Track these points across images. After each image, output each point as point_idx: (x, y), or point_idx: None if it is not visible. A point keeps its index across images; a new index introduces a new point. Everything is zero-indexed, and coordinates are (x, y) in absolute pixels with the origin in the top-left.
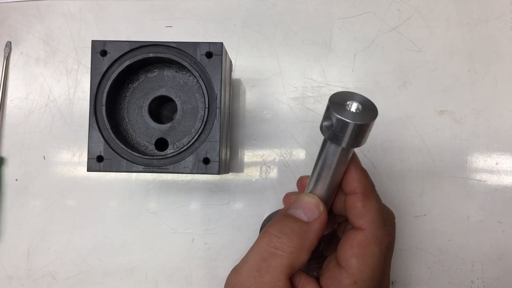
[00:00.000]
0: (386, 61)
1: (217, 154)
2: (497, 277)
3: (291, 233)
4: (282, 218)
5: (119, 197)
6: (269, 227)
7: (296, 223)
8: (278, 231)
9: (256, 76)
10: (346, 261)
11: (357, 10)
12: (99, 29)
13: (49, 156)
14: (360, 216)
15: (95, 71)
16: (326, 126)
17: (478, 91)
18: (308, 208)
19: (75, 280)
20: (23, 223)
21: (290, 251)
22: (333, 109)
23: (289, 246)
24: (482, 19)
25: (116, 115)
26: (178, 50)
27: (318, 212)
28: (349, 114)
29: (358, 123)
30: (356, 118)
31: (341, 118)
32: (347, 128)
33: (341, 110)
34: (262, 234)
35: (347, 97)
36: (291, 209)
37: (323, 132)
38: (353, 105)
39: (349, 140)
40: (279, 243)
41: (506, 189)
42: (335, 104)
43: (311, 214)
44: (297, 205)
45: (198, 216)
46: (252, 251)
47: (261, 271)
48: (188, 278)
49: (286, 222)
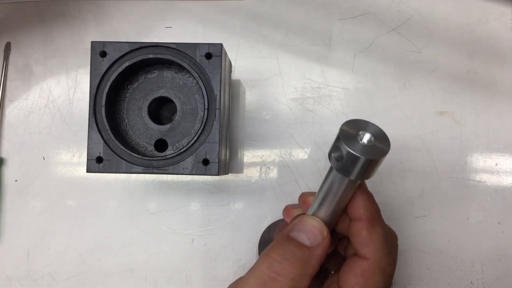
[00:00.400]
0: (386, 61)
1: (216, 155)
2: (496, 278)
3: (293, 258)
4: (284, 241)
5: (119, 197)
6: (271, 250)
7: (299, 248)
8: (280, 255)
9: (255, 76)
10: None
11: (357, 11)
12: (99, 30)
13: (48, 156)
14: (365, 244)
15: (95, 72)
16: (336, 157)
17: (478, 91)
18: (312, 232)
19: (74, 280)
20: (23, 224)
21: (292, 277)
22: (343, 141)
23: (291, 272)
24: (482, 20)
25: (115, 116)
26: (178, 51)
27: (322, 237)
28: (360, 147)
29: (369, 159)
30: (367, 152)
31: (351, 152)
32: (357, 162)
33: (352, 142)
34: (263, 257)
35: (359, 127)
36: (294, 231)
37: (332, 162)
38: (365, 137)
39: (359, 173)
40: (280, 268)
41: (506, 190)
42: (346, 135)
43: (314, 238)
44: (300, 228)
45: (197, 217)
46: (252, 273)
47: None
48: (187, 278)
49: (288, 246)
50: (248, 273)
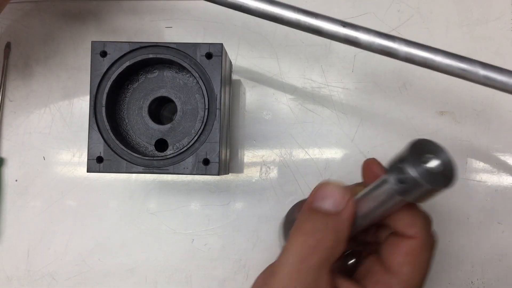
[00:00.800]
0: (386, 61)
1: (217, 155)
2: (497, 278)
3: (324, 228)
4: (310, 214)
5: (119, 197)
6: (301, 226)
7: (327, 217)
8: (311, 229)
9: (255, 76)
10: (398, 267)
11: (357, 10)
12: (99, 30)
13: (49, 156)
14: (410, 225)
15: (95, 72)
16: (398, 179)
17: (478, 91)
18: (334, 198)
19: (74, 280)
20: (23, 224)
21: (328, 246)
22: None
23: (326, 242)
24: (482, 20)
25: (116, 116)
26: (178, 51)
27: (345, 200)
28: (427, 173)
29: (434, 188)
30: (433, 180)
31: (418, 179)
32: (420, 189)
33: (420, 167)
34: (295, 234)
35: (429, 149)
36: (316, 202)
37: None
38: (433, 162)
39: (416, 198)
40: (316, 241)
41: (506, 190)
42: (414, 158)
43: (338, 203)
44: (321, 197)
45: (198, 217)
46: (287, 253)
47: (302, 272)
48: (188, 278)
49: (315, 217)
50: (282, 254)
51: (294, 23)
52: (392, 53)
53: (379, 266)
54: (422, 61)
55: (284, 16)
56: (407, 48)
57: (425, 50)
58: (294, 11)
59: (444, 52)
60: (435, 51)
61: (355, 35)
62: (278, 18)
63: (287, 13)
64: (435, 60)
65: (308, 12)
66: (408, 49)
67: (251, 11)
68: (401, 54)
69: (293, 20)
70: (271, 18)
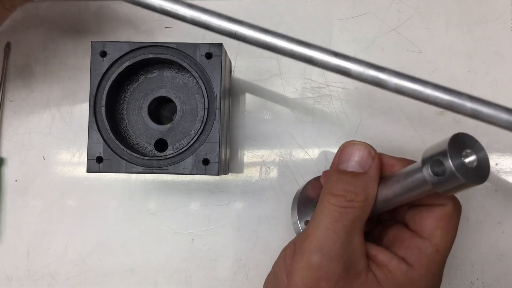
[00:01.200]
0: (385, 61)
1: (216, 155)
2: (496, 278)
3: (354, 188)
4: (339, 176)
5: (119, 197)
6: (331, 188)
7: (355, 177)
8: (342, 190)
9: (256, 76)
10: (430, 232)
11: (357, 10)
12: (99, 30)
13: (48, 156)
14: (439, 197)
15: (95, 72)
16: (435, 171)
17: (478, 91)
18: (361, 158)
19: (74, 280)
20: (23, 224)
21: (360, 206)
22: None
23: (358, 201)
24: (482, 20)
25: (115, 116)
26: (178, 51)
27: (371, 158)
28: (464, 168)
29: (469, 183)
30: (469, 176)
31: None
32: (456, 183)
33: (458, 161)
34: (326, 196)
35: (467, 144)
36: (342, 163)
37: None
38: (470, 158)
39: (448, 190)
40: (347, 201)
41: (506, 190)
42: (453, 152)
43: (365, 163)
44: (348, 157)
45: (197, 217)
46: (320, 215)
47: (337, 231)
48: (187, 278)
49: (345, 179)
50: (314, 218)
51: (288, 52)
52: (382, 84)
53: (408, 233)
54: (411, 92)
55: (278, 46)
56: (397, 79)
57: (415, 82)
58: (287, 41)
59: (433, 85)
60: (424, 84)
61: (346, 65)
62: (272, 47)
63: (281, 42)
64: (423, 93)
65: (301, 42)
66: (397, 81)
67: (246, 39)
68: (390, 85)
69: (287, 49)
70: (265, 47)
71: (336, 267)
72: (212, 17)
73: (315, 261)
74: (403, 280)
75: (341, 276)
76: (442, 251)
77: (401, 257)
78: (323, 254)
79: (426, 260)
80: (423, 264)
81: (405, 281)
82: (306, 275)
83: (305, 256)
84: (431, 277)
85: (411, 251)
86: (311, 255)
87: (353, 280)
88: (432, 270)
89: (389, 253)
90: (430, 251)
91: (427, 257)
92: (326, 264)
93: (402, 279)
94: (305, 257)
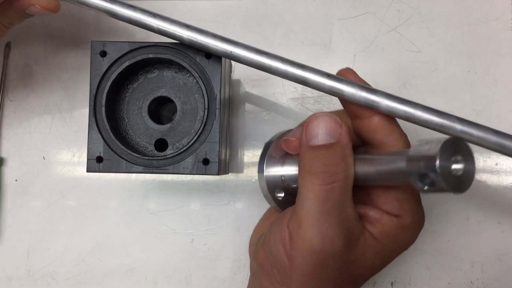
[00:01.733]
0: (385, 61)
1: (216, 154)
2: (496, 277)
3: (333, 161)
4: (313, 152)
5: (119, 197)
6: (310, 167)
7: (330, 148)
8: (321, 167)
9: (255, 76)
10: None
11: (357, 10)
12: (99, 30)
13: (48, 156)
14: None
15: (95, 72)
16: (419, 172)
17: (477, 91)
18: (329, 129)
19: (74, 280)
20: (23, 224)
21: (343, 177)
22: (439, 165)
23: (340, 173)
24: (482, 20)
25: (115, 115)
26: (178, 51)
27: (339, 125)
28: (450, 176)
29: (449, 190)
30: (454, 185)
31: (445, 187)
32: (436, 187)
33: (446, 167)
34: (307, 177)
35: (458, 150)
36: (313, 139)
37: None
38: (458, 165)
39: (425, 190)
40: (331, 175)
41: (506, 190)
42: (444, 157)
43: (334, 133)
44: (316, 132)
45: (197, 217)
46: (307, 200)
47: (330, 211)
48: (187, 278)
49: (320, 154)
50: (301, 203)
51: (282, 73)
52: (374, 106)
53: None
54: (402, 114)
55: (272, 67)
56: (388, 101)
57: (405, 104)
58: (282, 62)
59: (423, 107)
60: (414, 106)
61: (338, 86)
62: (267, 68)
63: (275, 63)
64: (414, 114)
65: (295, 63)
66: (389, 103)
67: (240, 60)
68: (382, 107)
69: (281, 70)
70: (260, 68)
71: (337, 244)
72: (208, 37)
73: (316, 247)
74: (396, 231)
75: (344, 249)
76: (415, 192)
77: (386, 211)
78: (323, 238)
79: (409, 207)
80: (408, 211)
81: (398, 231)
82: (310, 259)
83: (305, 244)
84: (418, 218)
85: (391, 203)
86: (311, 242)
87: (354, 246)
88: (416, 212)
89: (377, 209)
90: (406, 197)
91: (408, 204)
92: (328, 246)
93: (396, 230)
94: (305, 245)
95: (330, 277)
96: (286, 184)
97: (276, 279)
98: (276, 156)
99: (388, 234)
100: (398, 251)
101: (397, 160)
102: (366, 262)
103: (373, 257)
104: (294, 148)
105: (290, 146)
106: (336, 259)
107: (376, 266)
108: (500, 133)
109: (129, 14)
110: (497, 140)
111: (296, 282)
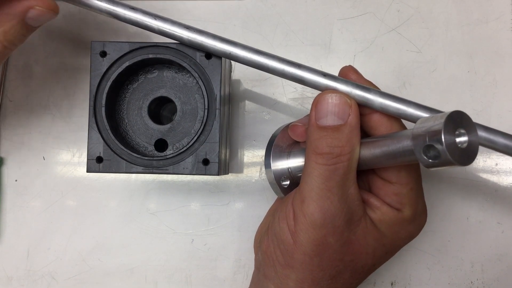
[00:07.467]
0: (385, 61)
1: (216, 155)
2: (496, 277)
3: (339, 141)
4: (321, 133)
5: (119, 197)
6: (316, 147)
7: (337, 130)
8: (327, 146)
9: (255, 76)
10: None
11: (357, 10)
12: (99, 30)
13: (48, 156)
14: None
15: (95, 72)
16: (423, 146)
17: (477, 91)
18: (338, 108)
19: (74, 280)
20: (23, 224)
21: (348, 158)
22: (444, 138)
23: (345, 154)
24: (482, 20)
25: (115, 116)
26: (178, 51)
27: (348, 106)
28: (455, 149)
29: (455, 163)
30: (459, 158)
31: (450, 159)
32: (442, 161)
33: (451, 140)
34: (312, 156)
35: (461, 123)
36: (321, 119)
37: (414, 144)
38: (463, 138)
39: (432, 165)
40: (336, 157)
41: (506, 190)
42: (448, 130)
43: (343, 114)
44: (325, 111)
45: (197, 217)
46: (311, 177)
47: (332, 190)
48: (187, 278)
49: (327, 134)
50: (305, 180)
51: (279, 72)
52: (368, 104)
53: (380, 181)
54: (395, 111)
55: (270, 66)
56: (382, 99)
57: (398, 102)
58: (279, 62)
59: (415, 104)
60: (407, 103)
61: (334, 85)
62: (265, 67)
63: (272, 63)
64: (406, 111)
65: (292, 63)
66: (382, 100)
67: (239, 59)
68: (376, 104)
69: (279, 69)
70: (258, 67)
71: (338, 221)
72: (208, 38)
73: (318, 221)
74: (395, 222)
75: (345, 227)
76: (415, 188)
77: (386, 203)
78: (324, 213)
79: (408, 201)
80: (407, 205)
81: (398, 222)
82: (312, 234)
83: (308, 219)
84: (419, 212)
85: (390, 197)
86: (313, 216)
87: (355, 228)
88: (416, 206)
89: (378, 198)
90: (405, 192)
91: (407, 199)
92: (329, 221)
93: (395, 221)
94: (308, 219)
95: (331, 258)
96: (292, 174)
97: (280, 262)
98: (283, 145)
99: (386, 222)
100: (398, 243)
101: (402, 139)
102: (368, 248)
103: (373, 244)
104: (300, 135)
105: (296, 132)
106: (337, 237)
107: (377, 255)
108: (490, 129)
109: (130, 15)
110: (487, 136)
111: (299, 262)
